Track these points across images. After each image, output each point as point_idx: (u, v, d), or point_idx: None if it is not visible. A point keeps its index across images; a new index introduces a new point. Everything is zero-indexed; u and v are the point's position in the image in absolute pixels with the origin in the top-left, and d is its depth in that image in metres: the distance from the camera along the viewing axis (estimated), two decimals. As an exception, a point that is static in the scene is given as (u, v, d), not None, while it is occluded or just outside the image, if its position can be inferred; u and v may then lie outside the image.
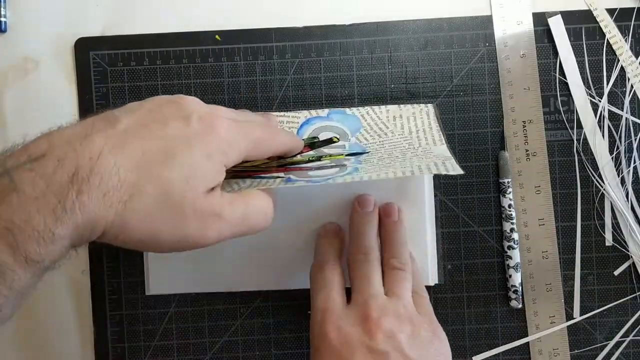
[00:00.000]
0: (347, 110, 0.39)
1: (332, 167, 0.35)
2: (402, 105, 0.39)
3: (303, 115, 0.39)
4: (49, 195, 0.23)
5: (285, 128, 0.39)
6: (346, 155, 0.37)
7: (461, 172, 0.31)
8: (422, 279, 0.38)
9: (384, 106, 0.39)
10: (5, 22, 0.40)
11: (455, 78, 0.40)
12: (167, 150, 0.26)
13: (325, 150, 0.38)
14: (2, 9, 0.40)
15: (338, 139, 0.38)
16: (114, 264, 0.40)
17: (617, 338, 0.40)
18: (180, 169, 0.26)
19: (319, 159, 0.36)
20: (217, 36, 0.40)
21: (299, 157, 0.36)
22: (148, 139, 0.26)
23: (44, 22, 0.40)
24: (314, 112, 0.39)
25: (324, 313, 0.32)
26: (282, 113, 0.39)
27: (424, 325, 0.33)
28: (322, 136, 0.39)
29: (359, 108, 0.40)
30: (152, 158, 0.26)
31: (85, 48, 0.40)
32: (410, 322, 0.32)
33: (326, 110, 0.39)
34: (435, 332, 0.33)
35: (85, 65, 0.40)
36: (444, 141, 0.38)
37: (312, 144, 0.38)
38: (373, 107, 0.40)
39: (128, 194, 0.25)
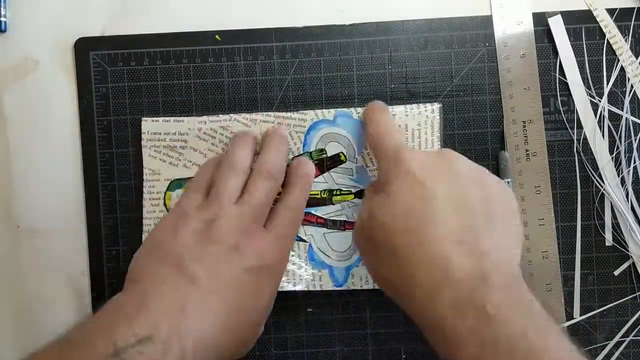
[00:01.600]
0: (354, 113, 0.39)
1: (342, 212, 0.39)
2: (408, 107, 0.39)
3: (309, 117, 0.39)
4: None
5: (293, 132, 0.39)
6: (355, 197, 0.39)
7: None
8: None
9: (390, 108, 0.39)
10: (5, 22, 0.40)
11: (455, 78, 0.40)
12: (246, 308, 0.31)
13: (335, 176, 0.39)
14: (2, 9, 0.40)
15: (345, 156, 0.39)
16: (114, 265, 0.40)
17: (617, 338, 0.40)
18: (260, 324, 0.33)
19: (330, 193, 0.39)
20: (217, 36, 0.40)
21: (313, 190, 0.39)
22: (229, 301, 0.30)
23: (44, 22, 0.40)
24: (319, 113, 0.39)
25: (396, 147, 0.33)
26: (288, 114, 0.39)
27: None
28: (330, 147, 0.39)
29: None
30: (240, 320, 0.30)
31: (85, 48, 0.40)
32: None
33: (332, 112, 0.39)
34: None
35: (85, 65, 0.40)
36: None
37: (320, 160, 0.39)
38: None
39: (219, 352, 0.29)
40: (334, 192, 0.39)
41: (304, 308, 0.40)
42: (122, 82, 0.40)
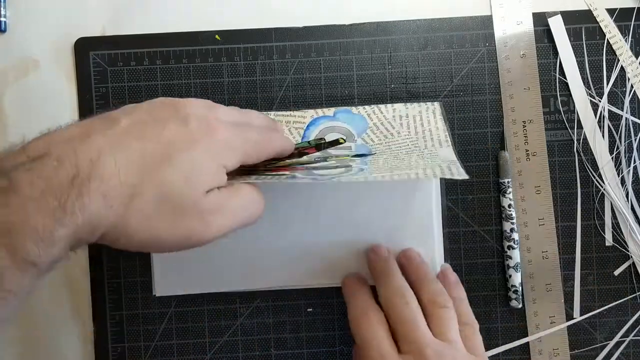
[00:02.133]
0: (353, 109, 0.39)
1: (337, 167, 0.36)
2: (408, 104, 0.39)
3: (309, 115, 0.39)
4: (48, 197, 0.23)
5: (292, 129, 0.39)
6: (352, 156, 0.37)
7: (466, 176, 0.31)
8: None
9: (390, 105, 0.39)
10: (5, 22, 0.40)
11: (455, 78, 0.40)
12: (166, 151, 0.26)
13: (332, 151, 0.38)
14: (2, 9, 0.40)
15: (344, 140, 0.38)
16: (114, 264, 0.40)
17: (617, 338, 0.40)
18: (180, 170, 0.26)
19: (325, 159, 0.37)
20: (217, 36, 0.40)
21: (305, 158, 0.37)
22: (147, 141, 0.26)
23: (44, 22, 0.40)
24: (320, 112, 0.39)
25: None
26: (287, 113, 0.39)
27: None
28: (329, 137, 0.39)
29: (365, 107, 0.39)
30: (152, 160, 0.26)
31: (85, 48, 0.40)
32: None
33: (332, 110, 0.39)
34: None
35: (85, 65, 0.40)
36: (449, 142, 0.38)
37: (319, 145, 0.38)
38: (379, 105, 0.39)
39: (128, 196, 0.25)
40: (328, 158, 0.37)
41: (304, 308, 0.40)
42: (122, 82, 0.40)
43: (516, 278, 0.39)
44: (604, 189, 0.40)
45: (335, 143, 0.38)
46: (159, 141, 0.26)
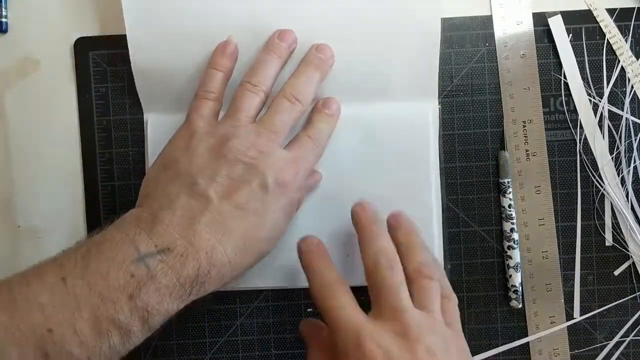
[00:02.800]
0: None
1: None
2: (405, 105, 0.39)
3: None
4: (177, 287, 0.29)
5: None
6: None
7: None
8: None
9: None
10: (5, 22, 0.40)
11: (455, 78, 0.40)
12: (261, 225, 0.31)
13: None
14: (2, 9, 0.40)
15: None
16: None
17: (617, 338, 0.40)
18: (274, 238, 0.33)
19: None
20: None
21: None
22: (242, 219, 0.31)
23: (44, 22, 0.40)
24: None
25: (357, 333, 0.29)
26: None
27: (453, 341, 0.31)
28: None
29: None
30: (251, 240, 0.31)
31: (84, 48, 0.40)
32: (443, 339, 0.30)
33: None
34: (464, 347, 0.32)
35: (85, 65, 0.40)
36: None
37: None
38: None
39: (236, 269, 0.31)
40: None
41: (304, 308, 0.40)
42: (121, 82, 0.40)
43: (516, 278, 0.39)
44: (604, 189, 0.40)
45: None
46: (251, 217, 0.31)
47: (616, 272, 0.40)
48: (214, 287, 0.31)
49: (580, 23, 0.40)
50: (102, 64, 0.40)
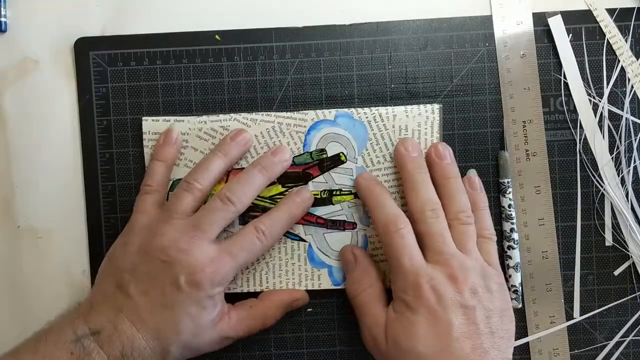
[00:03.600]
0: (355, 113, 0.39)
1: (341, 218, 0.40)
2: (408, 108, 0.39)
3: (310, 117, 0.39)
4: None
5: (293, 132, 0.39)
6: (355, 197, 0.39)
7: None
8: None
9: (390, 109, 0.39)
10: (5, 22, 0.40)
11: (455, 78, 0.40)
12: (173, 320, 0.34)
13: (335, 176, 0.39)
14: (2, 9, 0.40)
15: (345, 156, 0.39)
16: (114, 264, 0.40)
17: (617, 338, 0.40)
18: (188, 331, 0.35)
19: (330, 193, 0.39)
20: (217, 36, 0.40)
21: (311, 187, 0.39)
22: (157, 314, 0.34)
23: (44, 22, 0.40)
24: (320, 114, 0.39)
25: (416, 274, 0.34)
26: (288, 114, 0.39)
27: (494, 278, 0.35)
28: (330, 147, 0.39)
29: (366, 111, 0.39)
30: (166, 329, 0.34)
31: (84, 48, 0.40)
32: (483, 277, 0.35)
33: (333, 112, 0.39)
34: (501, 282, 0.36)
35: (85, 65, 0.40)
36: None
37: (320, 160, 0.39)
38: (380, 109, 0.39)
39: (160, 354, 0.34)
40: (334, 192, 0.39)
41: (304, 308, 0.40)
42: (121, 82, 0.40)
43: (516, 278, 0.39)
44: (604, 189, 0.40)
45: (336, 160, 0.38)
46: (165, 312, 0.34)
47: (616, 272, 0.40)
48: None
49: (580, 23, 0.40)
50: (102, 64, 0.40)
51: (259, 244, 0.36)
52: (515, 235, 0.39)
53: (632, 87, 0.40)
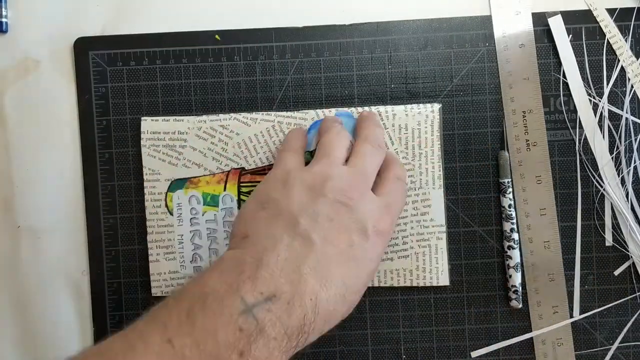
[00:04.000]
0: (355, 112, 0.39)
1: None
2: (408, 107, 0.39)
3: (310, 116, 0.39)
4: (285, 339, 0.27)
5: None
6: None
7: (447, 282, 0.39)
8: (433, 279, 0.39)
9: (390, 107, 0.39)
10: (6, 23, 0.40)
11: (455, 78, 0.40)
12: (358, 273, 0.30)
13: None
14: (2, 9, 0.40)
15: None
16: (113, 265, 0.40)
17: (619, 340, 0.40)
18: (362, 291, 0.31)
19: None
20: (216, 36, 0.40)
21: None
22: (344, 265, 0.29)
23: (44, 22, 0.40)
24: (320, 113, 0.39)
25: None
26: (288, 113, 0.39)
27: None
28: None
29: (365, 110, 0.39)
30: (350, 288, 0.30)
31: (84, 48, 0.40)
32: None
33: (333, 111, 0.39)
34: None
35: (85, 65, 0.40)
36: (441, 176, 0.39)
37: None
38: (379, 108, 0.39)
39: (332, 318, 0.29)
40: None
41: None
42: (121, 82, 0.40)
43: (516, 278, 0.39)
44: (604, 189, 0.40)
45: None
46: (352, 265, 0.30)
47: (616, 272, 0.40)
48: (312, 339, 0.29)
49: (580, 23, 0.40)
50: (102, 64, 0.40)
51: (403, 186, 0.36)
52: (516, 236, 0.39)
53: (632, 86, 0.40)
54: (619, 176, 0.40)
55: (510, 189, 0.40)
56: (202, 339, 0.25)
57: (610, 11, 0.40)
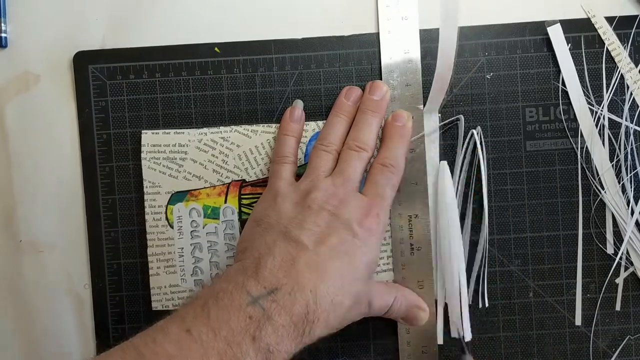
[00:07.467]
0: None
1: None
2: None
3: (310, 128, 0.39)
4: (292, 326, 0.30)
5: None
6: None
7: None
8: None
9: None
10: (5, 38, 0.40)
11: (455, 88, 0.40)
12: (353, 266, 0.33)
13: None
14: (2, 24, 0.40)
15: None
16: (115, 278, 0.40)
17: (620, 347, 0.40)
18: (366, 280, 0.34)
19: None
20: (216, 48, 0.40)
21: None
22: (337, 259, 0.33)
23: (44, 37, 0.40)
24: (321, 124, 0.39)
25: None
26: None
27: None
28: None
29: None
30: (348, 278, 0.32)
31: (83, 61, 0.40)
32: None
33: None
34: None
35: (84, 78, 0.40)
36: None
37: None
38: None
39: (336, 305, 0.32)
40: None
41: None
42: (121, 96, 0.40)
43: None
44: (604, 197, 0.40)
45: None
46: (345, 258, 0.33)
47: (617, 280, 0.40)
48: (321, 331, 0.31)
49: (580, 31, 0.40)
50: (102, 77, 0.40)
51: (394, 175, 0.37)
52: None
53: (631, 94, 0.40)
54: (619, 184, 0.40)
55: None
56: (217, 327, 0.29)
57: (609, 19, 0.40)
